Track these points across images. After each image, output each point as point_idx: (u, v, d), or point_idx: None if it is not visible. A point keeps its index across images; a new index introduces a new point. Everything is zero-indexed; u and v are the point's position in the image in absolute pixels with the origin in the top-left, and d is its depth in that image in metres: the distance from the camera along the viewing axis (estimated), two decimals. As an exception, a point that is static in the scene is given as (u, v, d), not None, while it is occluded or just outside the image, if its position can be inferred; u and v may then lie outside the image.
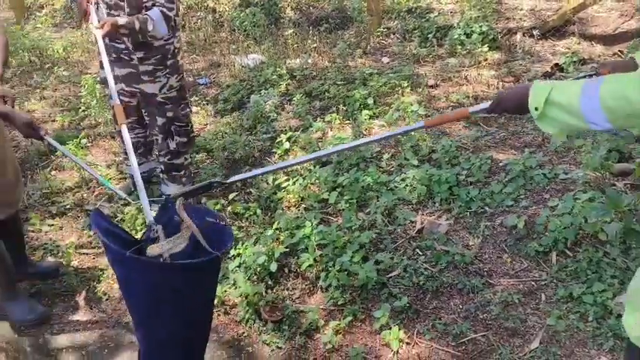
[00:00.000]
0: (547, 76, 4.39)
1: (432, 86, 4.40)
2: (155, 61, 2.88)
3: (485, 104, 1.55)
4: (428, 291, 2.41)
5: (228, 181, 1.84)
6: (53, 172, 3.57)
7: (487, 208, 2.85)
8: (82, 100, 4.42)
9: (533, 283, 2.41)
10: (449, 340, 2.19)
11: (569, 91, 1.25)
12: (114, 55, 2.89)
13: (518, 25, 5.36)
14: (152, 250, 1.73)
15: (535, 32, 5.18)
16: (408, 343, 2.18)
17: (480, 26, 5.06)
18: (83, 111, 4.41)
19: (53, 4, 8.15)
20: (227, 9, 6.70)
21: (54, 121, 4.43)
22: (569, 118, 1.26)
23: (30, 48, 6.15)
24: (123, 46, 2.84)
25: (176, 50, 2.95)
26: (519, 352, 2.11)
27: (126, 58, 2.88)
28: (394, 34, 5.71)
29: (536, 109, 1.30)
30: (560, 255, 2.50)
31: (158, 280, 1.66)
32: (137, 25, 2.63)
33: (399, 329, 2.18)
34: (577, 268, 2.39)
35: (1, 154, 2.36)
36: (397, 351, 2.15)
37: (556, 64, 4.53)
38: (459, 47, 5.02)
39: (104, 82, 2.94)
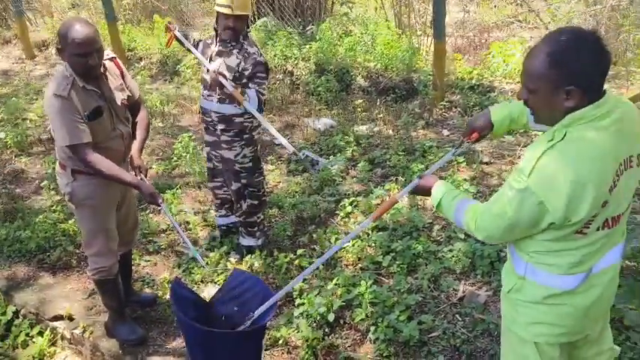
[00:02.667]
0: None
1: (486, 163, 4.79)
2: (233, 134, 3.44)
3: (408, 188, 2.12)
4: (463, 353, 2.77)
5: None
6: (151, 215, 4.21)
7: (524, 284, 3.19)
8: (175, 152, 5.12)
9: (558, 356, 2.72)
10: (476, 398, 2.54)
11: (451, 205, 1.88)
12: (204, 125, 3.54)
13: (574, 109, 5.69)
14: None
15: (590, 117, 5.49)
16: (440, 396, 2.55)
17: (537, 108, 5.43)
18: (175, 161, 5.11)
19: (150, 58, 9.18)
20: (303, 73, 7.39)
21: (151, 168, 5.13)
22: (448, 217, 1.93)
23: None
24: (210, 119, 3.46)
25: (252, 127, 3.49)
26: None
27: (211, 128, 3.49)
28: (456, 107, 6.15)
29: (434, 205, 1.96)
30: (586, 334, 2.80)
31: (205, 341, 2.35)
32: (239, 92, 3.22)
33: (434, 383, 2.55)
34: (600, 347, 2.69)
35: (128, 206, 2.99)
36: (431, 402, 2.52)
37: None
38: (516, 126, 5.40)
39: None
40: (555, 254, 1.69)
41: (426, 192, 2.01)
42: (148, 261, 3.71)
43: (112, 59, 2.74)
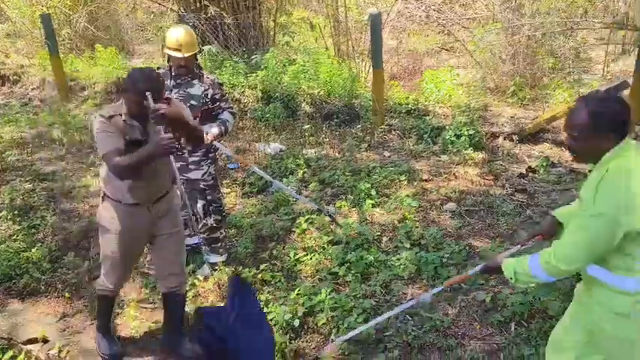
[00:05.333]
0: (522, 177, 5.26)
1: (425, 180, 5.26)
2: (201, 154, 3.79)
3: (477, 269, 2.56)
4: (414, 347, 3.13)
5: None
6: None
7: (463, 285, 3.61)
8: (132, 179, 5.27)
9: (495, 345, 3.13)
10: (428, 384, 2.90)
11: (524, 267, 2.22)
12: None
13: (500, 130, 6.31)
14: None
15: (514, 137, 6.12)
16: (397, 385, 2.89)
17: (468, 130, 5.99)
18: (132, 188, 5.25)
19: (94, 87, 9.20)
20: (250, 101, 7.69)
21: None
22: (528, 279, 2.24)
23: (77, 127, 7.09)
24: (177, 146, 3.75)
25: (215, 147, 3.86)
26: (481, 395, 2.81)
27: (178, 154, 3.76)
28: (395, 130, 6.64)
29: (510, 278, 2.28)
30: (518, 324, 3.24)
31: None
32: (223, 130, 3.70)
33: (392, 374, 2.89)
34: (529, 335, 3.13)
35: (162, 242, 3.07)
36: (389, 391, 2.85)
37: (529, 168, 5.43)
38: (450, 146, 5.93)
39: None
40: None
41: (496, 270, 2.39)
42: (115, 283, 3.86)
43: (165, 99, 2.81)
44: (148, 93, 2.60)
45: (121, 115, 2.70)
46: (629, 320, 2.07)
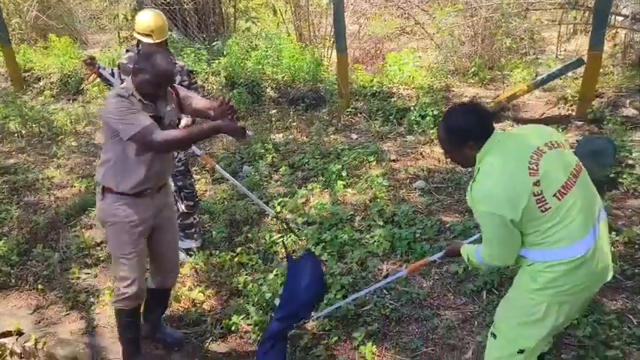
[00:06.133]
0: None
1: (393, 160, 5.35)
2: None
3: (439, 255, 2.80)
4: (392, 319, 3.22)
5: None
6: (83, 230, 4.28)
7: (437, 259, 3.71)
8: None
9: (469, 313, 3.26)
10: (408, 354, 3.00)
11: (474, 256, 2.40)
12: None
13: (463, 110, 6.44)
14: None
15: (477, 116, 6.26)
16: (378, 356, 2.97)
17: (432, 110, 6.11)
18: (98, 178, 5.15)
19: (50, 77, 8.90)
20: (214, 88, 7.62)
21: (73, 186, 5.15)
22: (478, 264, 2.43)
23: (35, 119, 6.87)
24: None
25: None
26: (458, 360, 2.93)
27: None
28: (361, 113, 6.70)
29: (467, 261, 2.48)
30: (489, 293, 3.38)
31: None
32: (189, 121, 3.65)
33: (372, 345, 2.97)
34: (500, 301, 3.25)
35: (162, 235, 2.97)
36: (371, 362, 2.94)
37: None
38: (416, 126, 6.04)
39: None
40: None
41: (455, 254, 2.60)
42: (88, 274, 3.80)
43: None
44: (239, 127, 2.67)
45: (133, 94, 2.62)
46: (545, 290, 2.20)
